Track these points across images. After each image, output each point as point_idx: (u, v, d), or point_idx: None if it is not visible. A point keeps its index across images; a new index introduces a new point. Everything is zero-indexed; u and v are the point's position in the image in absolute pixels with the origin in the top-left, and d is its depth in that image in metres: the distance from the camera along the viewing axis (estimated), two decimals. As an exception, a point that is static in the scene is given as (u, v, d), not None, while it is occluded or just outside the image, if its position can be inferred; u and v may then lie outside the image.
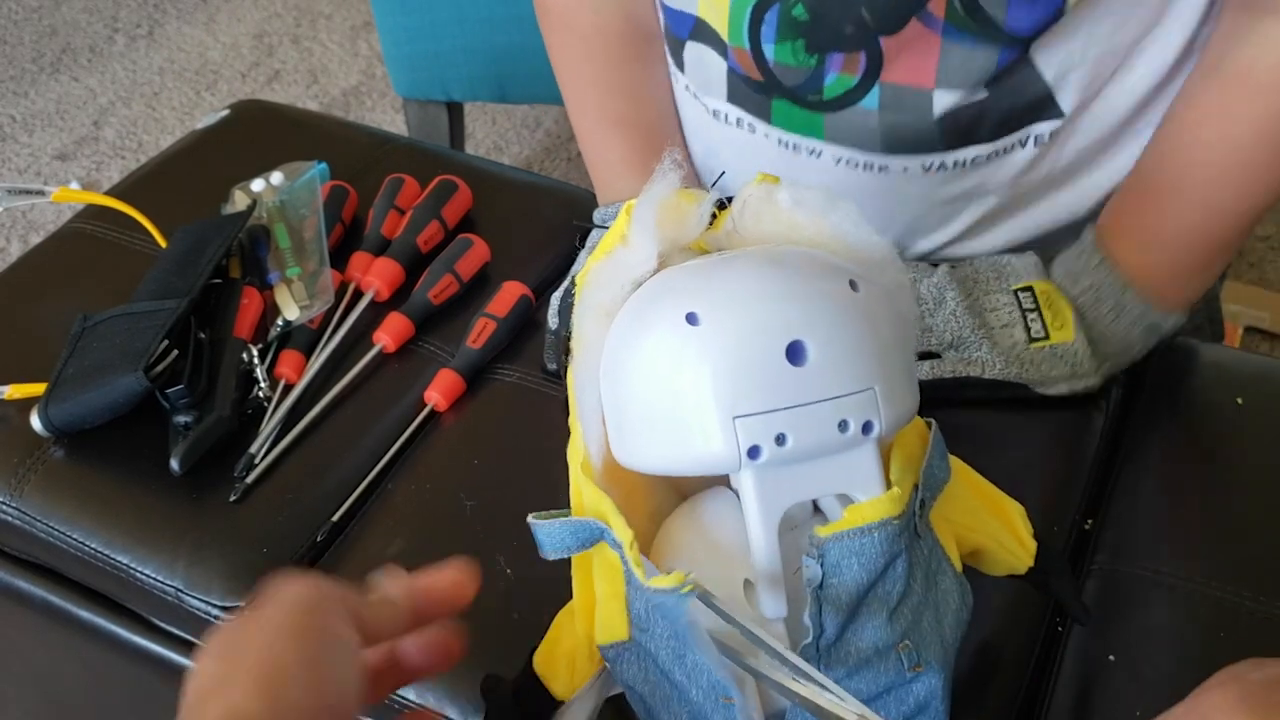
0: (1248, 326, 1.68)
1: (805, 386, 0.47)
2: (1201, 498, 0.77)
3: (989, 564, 0.60)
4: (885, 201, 0.83)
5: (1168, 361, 0.88)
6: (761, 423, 0.46)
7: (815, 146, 0.81)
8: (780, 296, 0.48)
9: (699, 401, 0.47)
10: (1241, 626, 0.69)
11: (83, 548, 0.77)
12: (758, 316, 0.48)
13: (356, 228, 0.95)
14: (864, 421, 0.48)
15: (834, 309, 0.48)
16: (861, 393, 0.48)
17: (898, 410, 0.49)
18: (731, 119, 0.84)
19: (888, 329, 0.50)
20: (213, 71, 2.26)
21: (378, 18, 1.54)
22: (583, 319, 0.53)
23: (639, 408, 0.49)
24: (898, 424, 0.50)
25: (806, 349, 0.47)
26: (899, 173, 0.80)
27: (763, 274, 0.49)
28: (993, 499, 0.59)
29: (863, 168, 0.81)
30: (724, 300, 0.48)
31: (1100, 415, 0.84)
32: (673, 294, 0.49)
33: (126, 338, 0.80)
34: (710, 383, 0.47)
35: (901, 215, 0.84)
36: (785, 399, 0.46)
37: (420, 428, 0.82)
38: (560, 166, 2.05)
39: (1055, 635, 0.71)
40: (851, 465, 0.48)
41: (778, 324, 0.47)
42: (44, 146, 2.09)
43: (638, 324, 0.50)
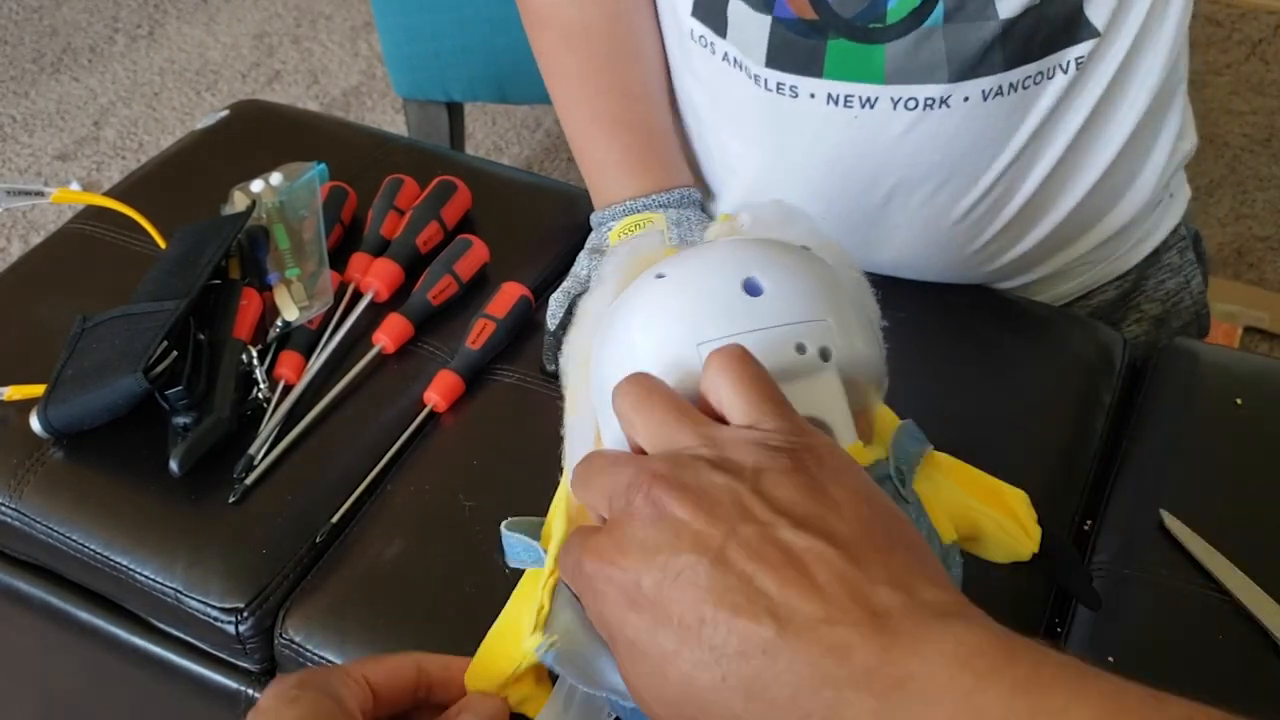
0: (1247, 326, 1.68)
1: (762, 314, 0.50)
2: (1201, 498, 0.77)
3: (990, 548, 0.59)
4: (941, 146, 0.83)
5: (1168, 361, 0.88)
6: (722, 345, 0.49)
7: (871, 94, 0.81)
8: (737, 246, 0.53)
9: (666, 336, 0.51)
10: (1242, 627, 0.69)
11: (82, 549, 0.77)
12: (716, 261, 0.52)
13: (356, 228, 0.95)
14: (821, 346, 0.50)
15: (788, 253, 0.53)
16: (817, 322, 0.51)
17: (855, 345, 0.52)
18: (770, 84, 0.83)
19: (840, 279, 0.54)
20: (213, 71, 2.26)
21: (378, 18, 1.54)
22: (566, 367, 0.57)
23: (617, 359, 0.52)
24: (857, 360, 0.52)
25: (761, 283, 0.51)
26: (960, 106, 0.80)
27: (724, 241, 0.55)
28: (990, 488, 0.60)
29: (923, 106, 0.81)
30: (688, 256, 0.54)
31: (1100, 415, 0.84)
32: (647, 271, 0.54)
33: (126, 338, 0.80)
34: (675, 317, 0.51)
35: (957, 161, 0.84)
36: (743, 324, 0.50)
37: (419, 428, 0.82)
38: (560, 166, 2.05)
39: (1055, 635, 0.71)
40: (814, 393, 0.50)
41: (734, 264, 0.52)
42: (44, 146, 2.10)
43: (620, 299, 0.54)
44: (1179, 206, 1.01)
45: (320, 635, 0.72)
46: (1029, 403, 0.80)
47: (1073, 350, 0.88)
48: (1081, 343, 0.89)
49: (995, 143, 0.84)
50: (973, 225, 0.88)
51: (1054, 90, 0.82)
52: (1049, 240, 0.92)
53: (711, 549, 0.40)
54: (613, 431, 0.53)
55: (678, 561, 0.40)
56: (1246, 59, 2.21)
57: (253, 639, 0.74)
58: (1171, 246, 1.00)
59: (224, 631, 0.74)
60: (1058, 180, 0.88)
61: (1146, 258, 0.99)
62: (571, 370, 0.57)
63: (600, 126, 0.90)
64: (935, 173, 0.85)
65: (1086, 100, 0.84)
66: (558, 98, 0.93)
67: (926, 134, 0.82)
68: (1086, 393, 0.85)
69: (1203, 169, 1.99)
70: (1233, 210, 1.94)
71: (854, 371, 0.51)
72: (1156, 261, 1.00)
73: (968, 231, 0.89)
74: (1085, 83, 0.84)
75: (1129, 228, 0.95)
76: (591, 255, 0.86)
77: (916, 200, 0.86)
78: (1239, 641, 0.69)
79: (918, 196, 0.86)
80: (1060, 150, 0.86)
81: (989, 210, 0.88)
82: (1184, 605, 0.71)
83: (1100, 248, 0.95)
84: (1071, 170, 0.89)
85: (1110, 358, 0.88)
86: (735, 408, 0.45)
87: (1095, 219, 0.93)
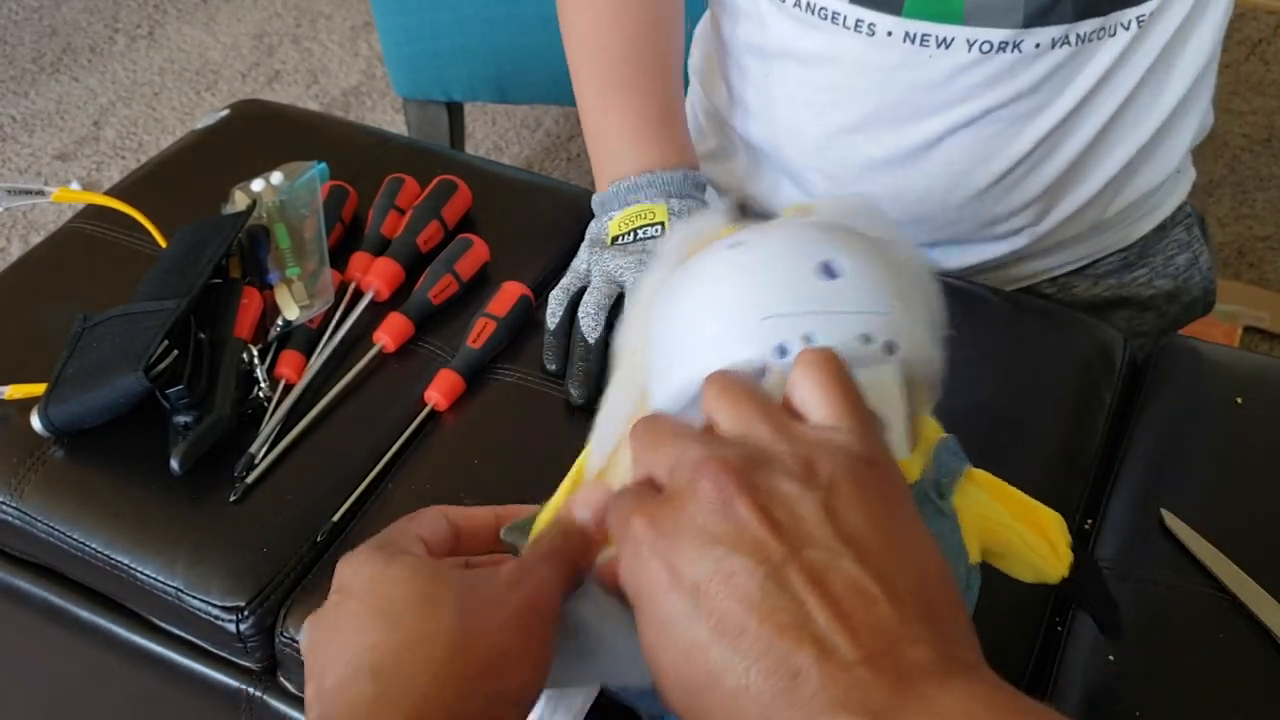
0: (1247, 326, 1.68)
1: (833, 297, 0.50)
2: (1202, 497, 0.77)
3: (1018, 566, 0.59)
4: (1002, 91, 0.85)
5: (1168, 361, 0.88)
6: (790, 323, 0.49)
7: (949, 34, 0.83)
8: (817, 228, 0.53)
9: (734, 303, 0.50)
10: (1243, 626, 0.69)
11: (83, 548, 0.77)
12: (796, 238, 0.52)
13: (356, 227, 0.95)
14: (887, 340, 0.50)
15: (868, 243, 0.52)
16: (887, 315, 0.50)
17: (920, 345, 0.51)
18: (849, 22, 0.84)
19: (915, 278, 0.53)
20: (213, 71, 2.26)
21: (378, 18, 1.54)
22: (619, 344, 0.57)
23: (681, 323, 0.52)
24: (920, 361, 0.51)
25: (836, 267, 0.50)
26: (1029, 52, 0.83)
27: (806, 221, 0.55)
28: (1025, 507, 0.59)
29: (997, 49, 0.83)
30: (765, 230, 0.53)
31: (1100, 415, 0.84)
32: (722, 239, 0.54)
33: (126, 338, 0.80)
34: (746, 288, 0.50)
35: (1014, 108, 0.86)
36: (813, 305, 0.49)
37: (420, 428, 0.82)
38: (560, 166, 2.05)
39: (1055, 635, 0.71)
40: (874, 385, 0.49)
41: (813, 244, 0.51)
42: (44, 146, 2.10)
43: (690, 262, 0.54)
44: (1186, 183, 1.03)
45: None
46: (1029, 401, 0.80)
47: (1073, 349, 0.88)
48: (1082, 341, 0.89)
49: (1053, 93, 0.86)
50: (1012, 179, 0.90)
51: (1115, 47, 0.84)
52: (1081, 203, 0.94)
53: (771, 561, 0.40)
54: (662, 401, 0.53)
55: (733, 562, 0.40)
56: (1246, 59, 2.21)
57: (254, 637, 0.74)
58: (1179, 222, 1.02)
59: (225, 630, 0.74)
60: (1104, 142, 0.91)
61: (1151, 232, 1.01)
62: (624, 347, 0.57)
63: (616, 92, 0.91)
64: (991, 117, 0.87)
65: (1142, 62, 0.87)
66: (574, 59, 0.94)
67: (992, 77, 0.84)
68: (1087, 392, 0.85)
69: (1203, 169, 1.98)
70: (1233, 210, 1.94)
71: (914, 372, 0.51)
72: (1164, 236, 1.02)
73: (1005, 186, 0.90)
74: (1143, 44, 0.86)
75: (1144, 198, 0.97)
76: (592, 249, 0.86)
77: (966, 143, 0.88)
78: (1240, 641, 0.69)
79: (968, 139, 0.88)
80: (1112, 109, 0.88)
81: (1032, 165, 0.90)
82: (1185, 604, 0.71)
83: (1116, 215, 0.97)
84: (1118, 132, 0.91)
85: (1110, 356, 0.88)
86: (818, 406, 0.44)
87: (1124, 185, 0.95)
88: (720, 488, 0.41)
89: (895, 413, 0.49)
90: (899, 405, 0.50)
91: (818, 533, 0.40)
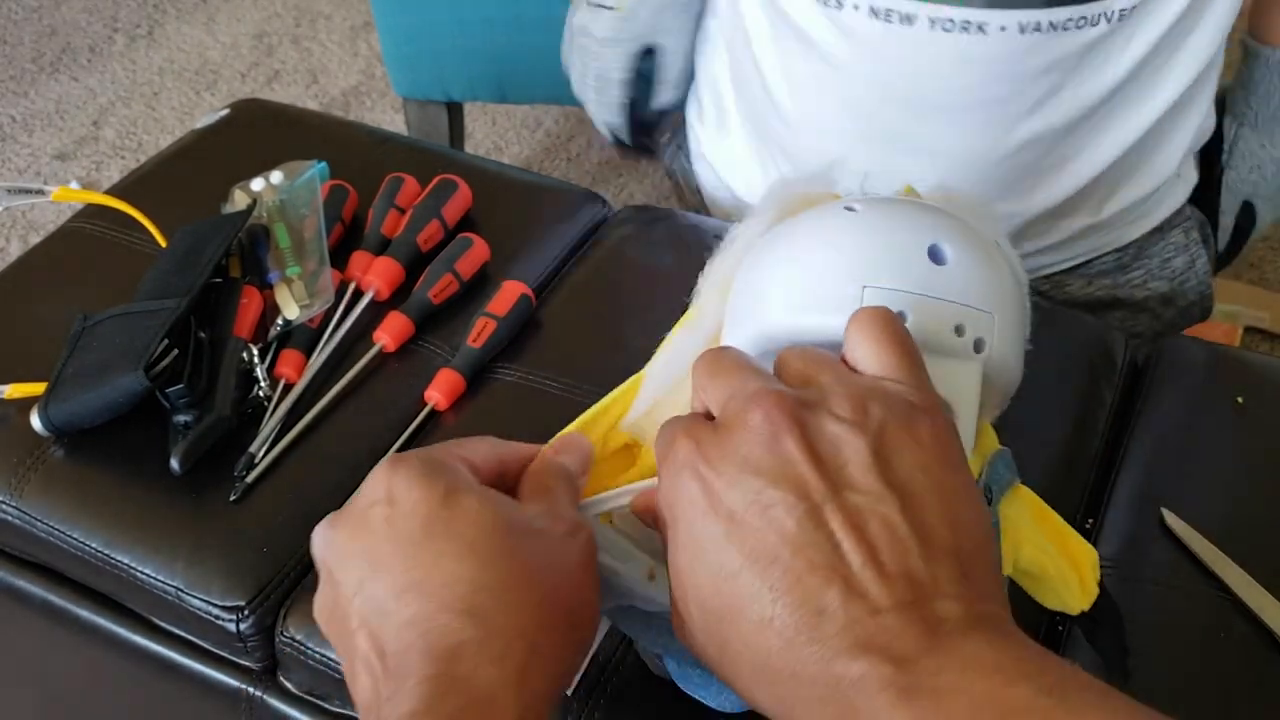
0: (1248, 326, 1.68)
1: (936, 282, 0.49)
2: (1202, 496, 0.77)
3: (1044, 592, 0.59)
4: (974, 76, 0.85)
5: (1168, 361, 0.88)
6: (887, 296, 0.48)
7: (910, 10, 0.82)
8: (933, 211, 0.52)
9: (837, 265, 0.50)
10: (1241, 626, 0.69)
11: (83, 547, 0.77)
12: (910, 215, 0.51)
13: (356, 227, 0.95)
14: (977, 337, 0.49)
15: (976, 237, 0.52)
16: (984, 312, 0.50)
17: (1006, 350, 0.51)
18: (880, 10, 0.84)
19: (1014, 285, 0.53)
20: (213, 71, 2.26)
21: (377, 18, 1.54)
22: (702, 285, 0.57)
23: (777, 273, 0.52)
24: (1003, 366, 0.51)
25: (946, 254, 0.50)
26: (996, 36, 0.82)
27: (922, 202, 0.54)
28: (1063, 534, 0.59)
29: (959, 29, 0.82)
30: (885, 201, 0.53)
31: (1100, 415, 0.84)
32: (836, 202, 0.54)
33: (126, 337, 0.80)
34: (852, 251, 0.50)
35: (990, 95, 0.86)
36: (915, 285, 0.49)
37: (420, 427, 0.82)
38: (560, 166, 2.05)
39: (1055, 635, 0.71)
40: (955, 377, 0.49)
41: (926, 225, 0.51)
42: (44, 146, 2.09)
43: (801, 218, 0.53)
44: (1185, 187, 1.03)
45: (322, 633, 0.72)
46: (1029, 401, 0.80)
47: (1073, 349, 0.88)
48: (1082, 341, 0.89)
49: (1029, 83, 0.85)
50: (999, 168, 0.89)
51: (1093, 39, 0.83)
52: (1067, 198, 0.93)
53: (811, 499, 0.40)
54: (737, 344, 0.52)
55: (773, 494, 0.40)
56: (1246, 59, 2.21)
57: (254, 637, 0.74)
58: (1176, 225, 1.02)
59: (225, 629, 0.74)
60: (1081, 138, 0.90)
61: (1148, 233, 1.01)
62: (706, 289, 0.56)
63: None
64: (968, 104, 0.87)
65: (1124, 58, 0.86)
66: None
67: (960, 60, 0.83)
68: (1087, 391, 0.85)
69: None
70: (1232, 210, 1.94)
71: (995, 376, 0.50)
72: (1161, 239, 1.01)
73: (993, 173, 0.89)
74: (1127, 39, 0.85)
75: (1140, 201, 0.97)
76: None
77: (949, 130, 0.88)
78: (1240, 640, 0.69)
79: (950, 126, 0.88)
80: (1094, 104, 0.87)
81: (1014, 154, 0.89)
82: (1185, 604, 0.71)
83: (1110, 217, 0.97)
84: (1099, 129, 0.90)
85: (1111, 356, 0.88)
86: (872, 358, 0.44)
87: (1117, 186, 0.94)
88: (771, 421, 0.41)
89: (967, 410, 0.49)
90: (973, 404, 0.49)
91: (861, 477, 0.40)
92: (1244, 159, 1.01)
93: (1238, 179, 1.03)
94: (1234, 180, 1.04)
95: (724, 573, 0.40)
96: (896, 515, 0.40)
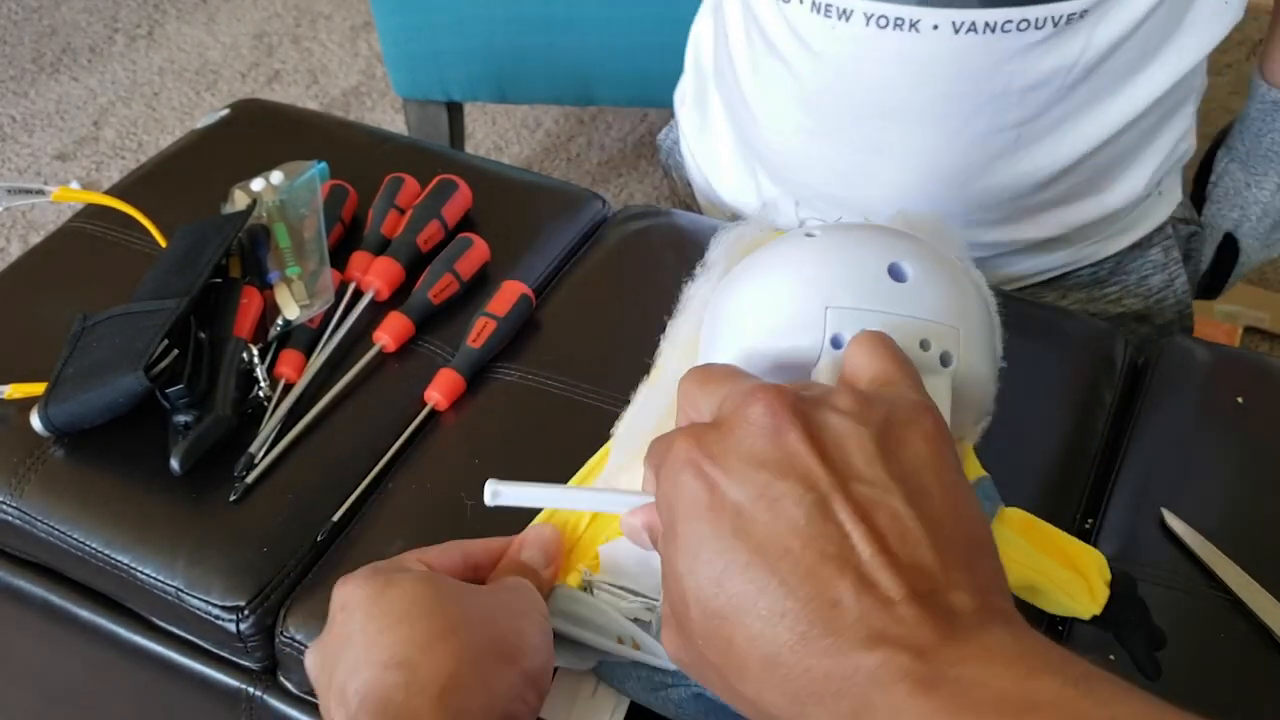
0: (1247, 326, 1.68)
1: (898, 300, 0.50)
2: (1202, 497, 0.77)
3: (1046, 602, 0.59)
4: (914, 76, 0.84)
5: (1168, 361, 0.88)
6: (851, 316, 0.49)
7: (846, 5, 0.82)
8: (891, 232, 0.54)
9: (800, 288, 0.51)
10: (1243, 626, 0.69)
11: (83, 547, 0.77)
12: (869, 237, 0.52)
13: (356, 227, 0.95)
14: (944, 350, 0.50)
15: (939, 255, 0.53)
16: (947, 325, 0.50)
17: (975, 362, 0.51)
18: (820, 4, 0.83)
19: (978, 302, 0.53)
20: (213, 71, 2.26)
21: (377, 18, 1.54)
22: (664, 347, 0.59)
23: (742, 303, 0.53)
24: (973, 378, 0.51)
25: (906, 271, 0.51)
26: (929, 34, 0.81)
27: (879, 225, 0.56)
28: (1060, 545, 0.59)
29: (893, 25, 0.81)
30: (841, 226, 0.54)
31: (1101, 414, 0.84)
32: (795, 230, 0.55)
33: (126, 337, 0.80)
34: (813, 274, 0.51)
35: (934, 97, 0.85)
36: (877, 303, 0.50)
37: (420, 427, 0.82)
38: (560, 166, 2.05)
39: (1056, 635, 0.71)
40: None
41: (886, 245, 0.52)
42: (44, 146, 2.10)
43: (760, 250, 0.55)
44: (1167, 205, 1.02)
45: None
46: (1029, 402, 0.80)
47: (1073, 349, 0.88)
48: (1082, 341, 0.89)
49: (971, 85, 0.84)
50: (954, 168, 0.88)
51: (1035, 42, 0.81)
52: (1025, 206, 0.92)
53: (818, 490, 0.39)
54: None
55: (780, 487, 0.39)
56: (1247, 59, 2.21)
57: (254, 637, 0.74)
58: (1156, 244, 1.01)
59: (225, 630, 0.74)
60: (1039, 142, 0.88)
61: (1126, 250, 1.00)
62: (668, 350, 0.57)
63: None
64: (914, 104, 0.86)
65: (1080, 65, 0.83)
66: None
67: (901, 60, 0.83)
68: (1087, 392, 0.85)
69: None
70: (1232, 210, 1.94)
71: (966, 389, 0.51)
72: (1140, 256, 1.01)
73: (950, 174, 0.89)
74: (1083, 46, 0.82)
75: (1112, 217, 0.96)
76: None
77: (900, 130, 0.87)
78: (1240, 640, 0.69)
79: (900, 126, 0.87)
80: (1041, 109, 0.85)
81: (965, 156, 0.88)
82: (1185, 604, 0.71)
83: (1081, 230, 0.96)
84: (1058, 135, 0.88)
85: (1111, 357, 0.88)
86: (869, 367, 0.44)
87: (1076, 196, 0.93)
88: (773, 414, 0.41)
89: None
90: (944, 416, 0.49)
91: (866, 469, 0.40)
92: (1227, 195, 1.00)
93: (1218, 213, 1.01)
94: (1213, 214, 1.02)
95: (731, 568, 0.39)
96: (904, 506, 0.39)
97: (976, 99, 0.84)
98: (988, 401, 0.54)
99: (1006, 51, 0.82)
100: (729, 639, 0.39)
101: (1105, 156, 0.90)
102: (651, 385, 0.58)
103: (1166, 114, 0.91)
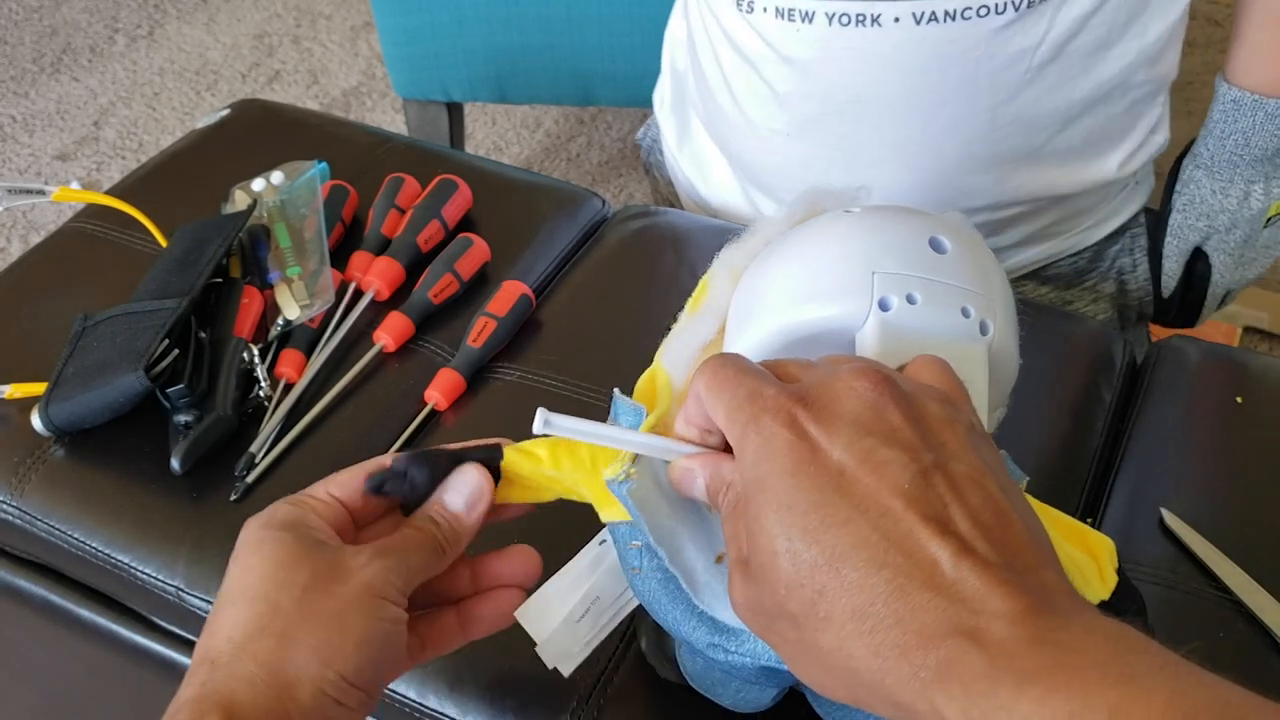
0: (1247, 326, 1.68)
1: (940, 268, 0.52)
2: (1202, 496, 0.77)
3: None
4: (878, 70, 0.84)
5: (1168, 361, 0.88)
6: (897, 280, 0.50)
7: (809, 7, 0.83)
8: (926, 212, 0.55)
9: (845, 256, 0.52)
10: (1243, 625, 0.69)
11: (83, 547, 0.77)
12: (908, 213, 0.54)
13: (357, 227, 0.95)
14: (983, 319, 0.51)
15: (971, 233, 0.55)
16: (985, 296, 0.52)
17: (1006, 336, 0.53)
18: (783, 10, 0.84)
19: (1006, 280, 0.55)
20: (213, 71, 2.26)
21: (377, 18, 1.54)
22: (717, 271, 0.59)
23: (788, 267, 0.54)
24: (1003, 353, 0.53)
25: (946, 244, 0.53)
26: (890, 28, 0.82)
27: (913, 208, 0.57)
28: (1075, 530, 0.60)
29: (855, 22, 0.82)
30: (880, 206, 0.56)
31: (1100, 413, 0.84)
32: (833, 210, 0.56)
33: (127, 337, 0.80)
34: (858, 243, 0.52)
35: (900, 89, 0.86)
36: (921, 270, 0.51)
37: (421, 427, 0.82)
38: (560, 166, 2.05)
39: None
40: (967, 360, 0.50)
41: (923, 220, 0.54)
42: (44, 146, 2.10)
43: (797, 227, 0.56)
44: (1142, 195, 1.03)
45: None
46: (1029, 401, 0.80)
47: (1073, 349, 0.88)
48: (1081, 341, 0.89)
49: (937, 73, 0.84)
50: (937, 159, 0.89)
51: (997, 27, 0.82)
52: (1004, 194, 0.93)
53: (921, 462, 0.41)
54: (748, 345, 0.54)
55: (886, 453, 0.41)
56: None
57: (254, 637, 0.74)
58: (1128, 230, 1.03)
59: (225, 630, 0.74)
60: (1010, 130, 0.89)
61: (1105, 238, 1.01)
62: (719, 270, 0.58)
63: None
64: (886, 99, 0.86)
65: (1042, 47, 0.84)
66: None
67: (865, 56, 0.83)
68: (1086, 391, 0.85)
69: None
70: (1232, 210, 1.93)
71: (997, 365, 0.52)
72: (1115, 242, 1.02)
73: (931, 166, 0.90)
74: (1035, 27, 0.83)
75: (1092, 207, 0.97)
76: None
77: (878, 127, 0.88)
78: (1240, 640, 0.69)
79: (876, 123, 0.88)
80: (1007, 97, 0.86)
81: (940, 145, 0.88)
82: (1184, 604, 0.71)
83: (1061, 222, 0.97)
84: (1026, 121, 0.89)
85: (1110, 356, 0.88)
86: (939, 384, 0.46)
87: (1048, 187, 0.94)
88: (877, 389, 0.42)
89: (979, 391, 0.51)
90: (984, 389, 0.51)
91: (962, 452, 0.42)
92: (1193, 204, 0.97)
93: (1184, 224, 0.98)
94: (1180, 225, 0.98)
95: (830, 522, 0.40)
96: (996, 490, 0.41)
97: (944, 87, 0.85)
98: (1011, 380, 0.55)
99: (970, 38, 0.82)
100: (821, 588, 0.40)
101: (1079, 136, 0.91)
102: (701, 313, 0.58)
103: (1136, 102, 0.92)
